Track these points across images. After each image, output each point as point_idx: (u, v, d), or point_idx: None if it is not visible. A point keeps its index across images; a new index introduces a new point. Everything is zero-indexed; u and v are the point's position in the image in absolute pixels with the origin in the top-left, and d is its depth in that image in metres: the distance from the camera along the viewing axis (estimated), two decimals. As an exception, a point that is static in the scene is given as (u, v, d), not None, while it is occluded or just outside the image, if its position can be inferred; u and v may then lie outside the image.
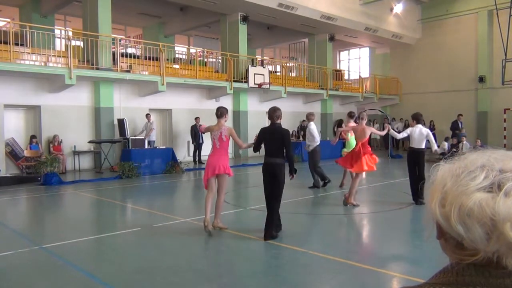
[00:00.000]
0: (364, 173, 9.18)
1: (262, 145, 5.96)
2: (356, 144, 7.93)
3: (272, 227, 5.70)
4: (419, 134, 7.91)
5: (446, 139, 17.58)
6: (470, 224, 0.74)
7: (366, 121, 7.92)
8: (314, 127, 10.11)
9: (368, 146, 7.93)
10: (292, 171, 5.82)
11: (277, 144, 5.73)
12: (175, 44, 21.95)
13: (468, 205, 0.74)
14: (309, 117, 10.25)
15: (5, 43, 12.07)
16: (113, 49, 15.12)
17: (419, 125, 8.01)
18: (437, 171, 0.84)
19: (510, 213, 0.71)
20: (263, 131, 5.97)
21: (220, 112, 6.17)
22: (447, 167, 0.83)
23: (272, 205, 5.73)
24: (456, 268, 0.79)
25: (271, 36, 23.75)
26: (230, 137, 6.16)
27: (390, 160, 17.63)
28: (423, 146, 7.98)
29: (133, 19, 20.55)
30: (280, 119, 5.89)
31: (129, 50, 17.76)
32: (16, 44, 12.73)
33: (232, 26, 18.66)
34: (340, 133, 9.43)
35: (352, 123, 9.50)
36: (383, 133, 8.79)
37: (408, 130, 8.15)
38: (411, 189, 8.08)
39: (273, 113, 5.84)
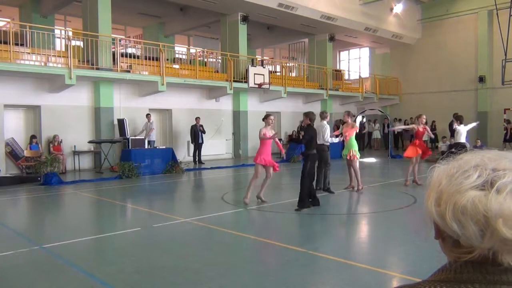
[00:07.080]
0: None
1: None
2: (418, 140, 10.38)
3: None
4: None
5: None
6: (464, 221, 0.76)
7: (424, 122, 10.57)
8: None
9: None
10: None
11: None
12: (175, 44, 21.95)
13: (462, 203, 0.76)
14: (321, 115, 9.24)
15: (5, 43, 12.08)
16: (113, 49, 15.13)
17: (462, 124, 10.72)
18: (433, 172, 0.86)
19: (502, 209, 0.73)
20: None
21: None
22: (442, 168, 0.85)
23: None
24: (454, 266, 0.81)
25: (271, 36, 23.74)
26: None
27: (390, 160, 17.63)
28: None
29: (133, 19, 20.55)
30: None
31: (129, 50, 17.76)
32: (16, 44, 12.74)
33: (232, 26, 18.66)
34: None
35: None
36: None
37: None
38: None
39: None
